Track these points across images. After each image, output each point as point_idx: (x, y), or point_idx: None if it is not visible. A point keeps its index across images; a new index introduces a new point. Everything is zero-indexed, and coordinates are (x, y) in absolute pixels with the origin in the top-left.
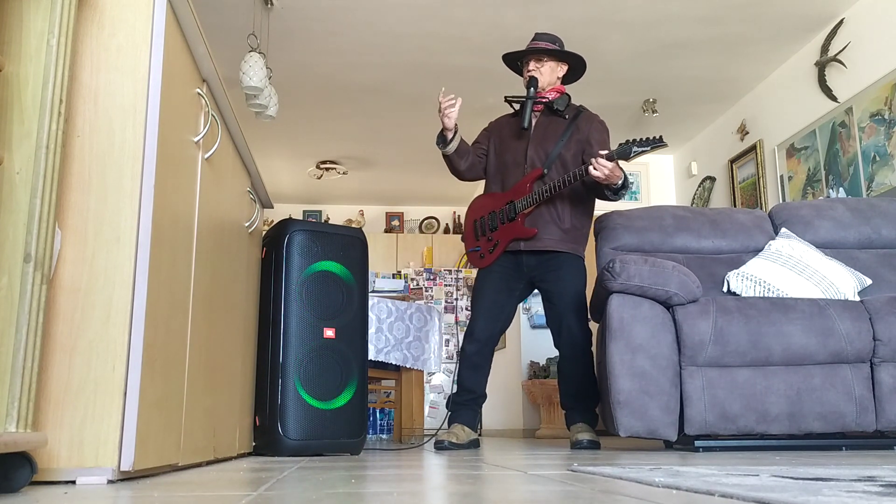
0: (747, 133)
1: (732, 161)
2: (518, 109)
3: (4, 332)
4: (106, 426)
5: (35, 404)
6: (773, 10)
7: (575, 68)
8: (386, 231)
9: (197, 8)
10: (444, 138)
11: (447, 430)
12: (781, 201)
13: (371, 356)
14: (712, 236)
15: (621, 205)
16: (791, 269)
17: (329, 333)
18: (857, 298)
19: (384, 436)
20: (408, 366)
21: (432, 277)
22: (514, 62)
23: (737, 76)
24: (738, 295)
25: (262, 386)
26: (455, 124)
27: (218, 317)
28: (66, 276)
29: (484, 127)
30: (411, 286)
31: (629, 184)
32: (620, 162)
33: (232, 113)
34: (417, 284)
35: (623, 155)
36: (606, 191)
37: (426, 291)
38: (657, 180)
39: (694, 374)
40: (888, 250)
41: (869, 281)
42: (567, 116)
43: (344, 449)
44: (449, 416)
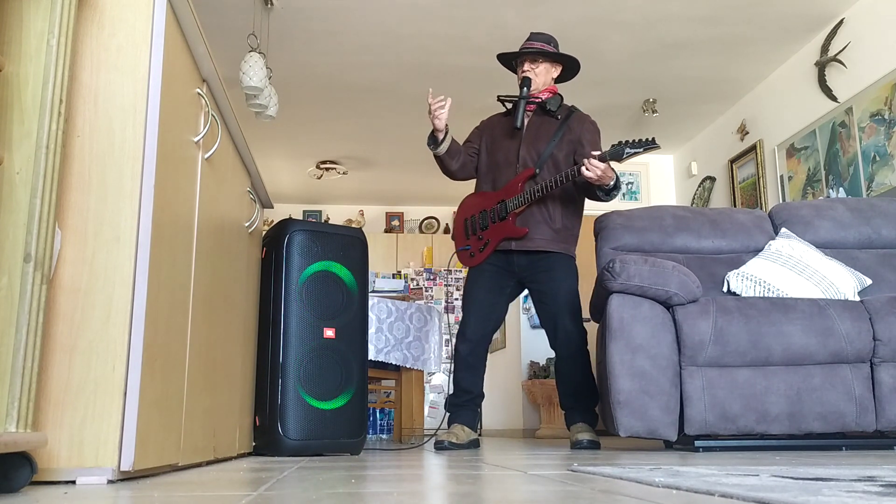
0: (747, 133)
1: (732, 161)
2: (510, 109)
3: (4, 332)
4: (106, 426)
5: (35, 404)
6: (773, 10)
7: (568, 69)
8: (386, 231)
9: (197, 8)
10: (435, 139)
11: (447, 431)
12: (781, 201)
13: (371, 356)
14: (712, 236)
15: (621, 205)
16: (791, 269)
17: (329, 333)
18: (857, 298)
19: (384, 436)
20: (408, 366)
21: (432, 277)
22: (509, 61)
23: (737, 76)
24: (738, 295)
25: (262, 386)
26: (446, 125)
27: (218, 317)
28: (66, 276)
29: (475, 126)
30: (411, 286)
31: (620, 185)
32: (612, 163)
33: (232, 113)
34: (417, 284)
35: (616, 156)
36: (598, 191)
37: (426, 291)
38: (657, 180)
39: (694, 374)
40: (888, 250)
41: (869, 281)
42: (559, 117)
43: (344, 449)
44: (448, 417)
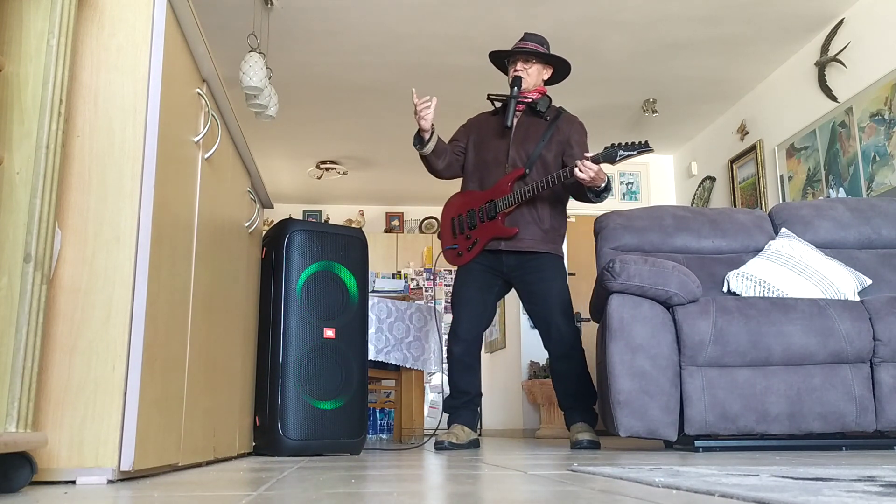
0: (747, 133)
1: (732, 161)
2: (499, 108)
3: (4, 332)
4: (106, 426)
5: (35, 404)
6: (773, 10)
7: (559, 71)
8: (386, 231)
9: (197, 8)
10: (421, 139)
11: (447, 431)
12: (781, 201)
13: (371, 356)
14: (712, 236)
15: (621, 205)
16: (791, 269)
17: (329, 333)
18: (857, 298)
19: (384, 436)
20: (408, 366)
21: (432, 277)
22: (501, 60)
23: (737, 76)
24: (738, 295)
25: (262, 386)
26: (431, 124)
27: (218, 317)
28: (66, 276)
29: (462, 124)
30: (411, 286)
31: (611, 187)
32: (605, 165)
33: (232, 113)
34: (417, 284)
35: (609, 158)
36: (589, 193)
37: (426, 291)
38: (657, 180)
39: (694, 374)
40: (888, 250)
41: (869, 281)
42: (548, 118)
43: (344, 449)
44: (448, 418)
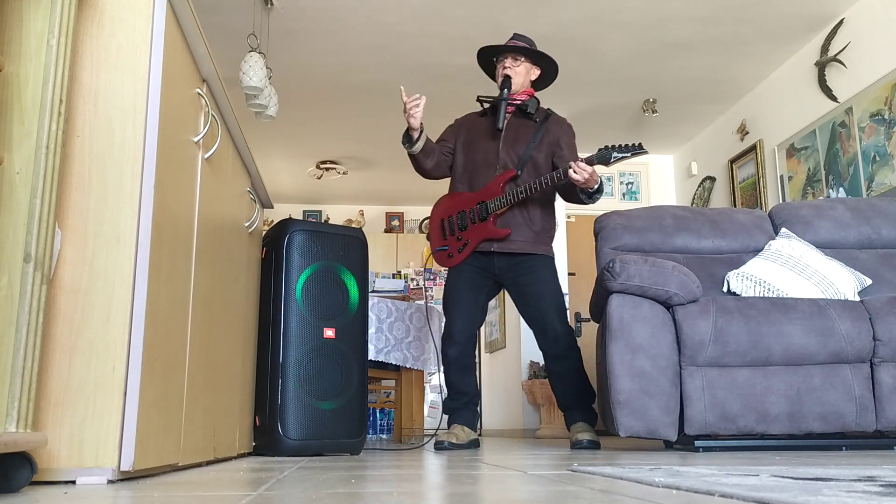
0: (747, 133)
1: (732, 161)
2: (487, 109)
3: (4, 332)
4: (106, 426)
5: (35, 404)
6: (773, 10)
7: (546, 75)
8: (386, 231)
9: (197, 8)
10: (410, 138)
11: (447, 431)
12: (781, 201)
13: (371, 356)
14: (712, 236)
15: (621, 205)
16: (791, 269)
17: (329, 333)
18: (857, 298)
19: (384, 436)
20: (408, 366)
21: (432, 277)
22: (487, 60)
23: (737, 76)
24: (738, 295)
25: (262, 386)
26: (420, 123)
27: (218, 317)
28: (66, 276)
29: (449, 124)
30: (411, 286)
31: (603, 188)
32: (599, 166)
33: (232, 113)
34: (417, 284)
35: (603, 160)
36: (581, 194)
37: (426, 291)
38: (657, 180)
39: (694, 374)
40: (888, 250)
41: (869, 281)
42: (537, 119)
43: (344, 449)
44: (448, 419)
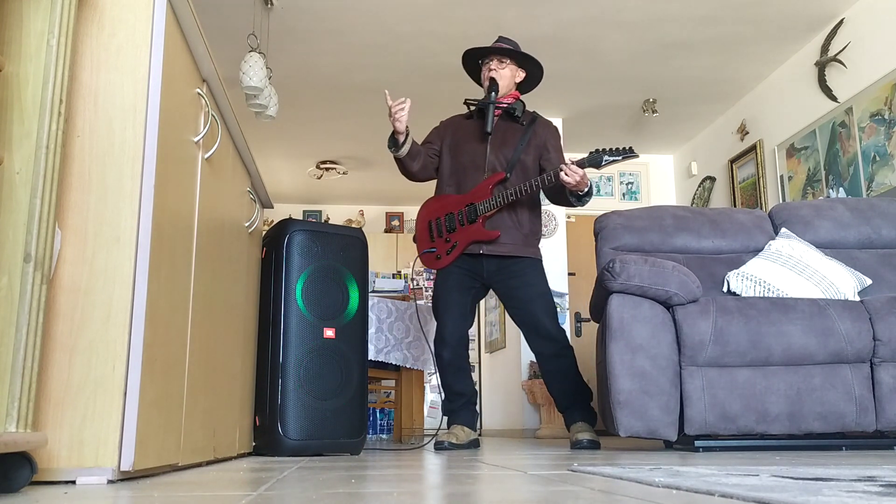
0: (747, 133)
1: (732, 161)
2: (474, 112)
3: (4, 332)
4: (106, 426)
5: (35, 404)
6: (773, 10)
7: (531, 78)
8: (386, 231)
9: (197, 8)
10: (396, 141)
11: (447, 431)
12: (781, 201)
13: (371, 356)
14: (712, 236)
15: (621, 205)
16: (791, 269)
17: (329, 333)
18: (857, 298)
19: (384, 436)
20: (408, 366)
21: (432, 277)
22: (472, 63)
23: (737, 76)
24: (738, 295)
25: (262, 386)
26: (406, 126)
27: (218, 317)
28: (66, 276)
29: (434, 126)
30: (411, 286)
31: (593, 191)
32: (590, 169)
33: (232, 113)
34: (417, 284)
35: (594, 163)
36: (571, 197)
37: (426, 291)
38: (657, 180)
39: (694, 374)
40: (888, 250)
41: (869, 281)
42: (524, 122)
43: (344, 449)
44: (447, 420)
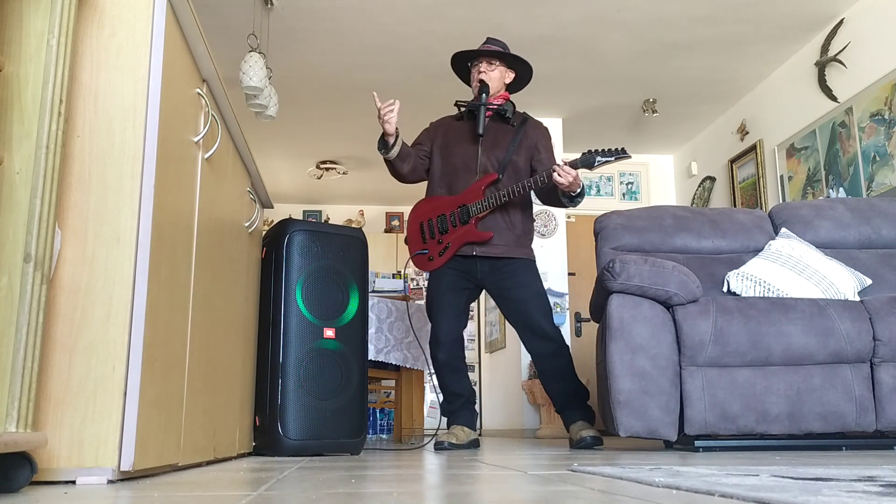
0: (747, 133)
1: (732, 161)
2: (464, 113)
3: (4, 332)
4: (106, 426)
5: (35, 404)
6: (773, 10)
7: (520, 78)
8: (386, 231)
9: (197, 8)
10: (386, 143)
11: (447, 431)
12: (781, 201)
13: (371, 356)
14: (712, 236)
15: (621, 205)
16: (791, 269)
17: (329, 333)
18: (857, 298)
19: (384, 436)
20: (408, 366)
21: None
22: (461, 64)
23: (737, 76)
24: (738, 295)
25: (262, 386)
26: (396, 128)
27: (218, 317)
28: (66, 276)
29: (424, 127)
30: (411, 286)
31: (585, 192)
32: (583, 170)
33: (232, 113)
34: (417, 284)
35: (587, 163)
36: (563, 197)
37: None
38: (657, 180)
39: (694, 374)
40: (888, 250)
41: (869, 281)
42: (514, 123)
43: (344, 449)
44: (447, 420)
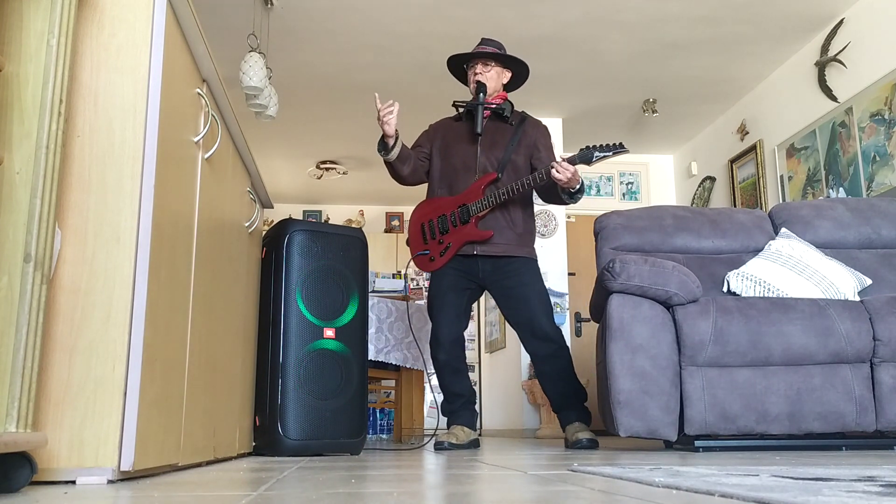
0: (747, 133)
1: (732, 161)
2: (463, 114)
3: (4, 332)
4: (106, 426)
5: (35, 404)
6: (773, 10)
7: (517, 77)
8: (386, 231)
9: (197, 8)
10: (385, 145)
11: (447, 431)
12: (781, 201)
13: (371, 356)
14: (712, 236)
15: (621, 205)
16: (791, 269)
17: (329, 333)
18: (857, 298)
19: (384, 436)
20: (408, 366)
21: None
22: (458, 66)
23: (737, 76)
24: (738, 295)
25: (262, 386)
26: (395, 130)
27: (218, 317)
28: (66, 276)
29: (423, 130)
30: (411, 286)
31: (584, 188)
32: (581, 166)
33: (232, 113)
34: (417, 284)
35: (585, 159)
36: (563, 194)
37: (426, 291)
38: (657, 180)
39: (694, 374)
40: (888, 250)
41: (869, 281)
42: (513, 122)
43: (344, 449)
44: (447, 421)
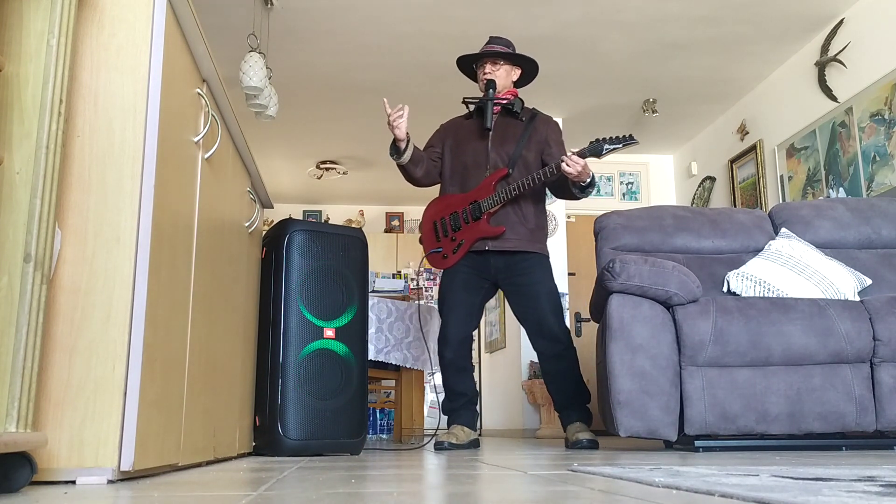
0: (747, 133)
1: (732, 161)
2: (473, 111)
3: (4, 332)
4: (106, 426)
5: (35, 404)
6: (773, 10)
7: (527, 73)
8: (386, 231)
9: (197, 8)
10: (398, 149)
11: (447, 431)
12: (781, 201)
13: (371, 356)
14: (712, 236)
15: (621, 205)
16: (791, 269)
17: (329, 333)
18: (857, 298)
19: (384, 436)
20: (408, 366)
21: (432, 277)
22: (468, 66)
23: (737, 76)
24: (738, 295)
25: (262, 386)
26: (406, 133)
27: (218, 317)
28: (66, 276)
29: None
30: (411, 286)
31: (596, 182)
32: (591, 159)
33: (232, 113)
34: (417, 284)
35: (595, 152)
36: (574, 188)
37: (426, 291)
38: (657, 180)
39: (694, 374)
40: (888, 250)
41: (869, 281)
42: (523, 119)
43: (344, 449)
44: (447, 420)
